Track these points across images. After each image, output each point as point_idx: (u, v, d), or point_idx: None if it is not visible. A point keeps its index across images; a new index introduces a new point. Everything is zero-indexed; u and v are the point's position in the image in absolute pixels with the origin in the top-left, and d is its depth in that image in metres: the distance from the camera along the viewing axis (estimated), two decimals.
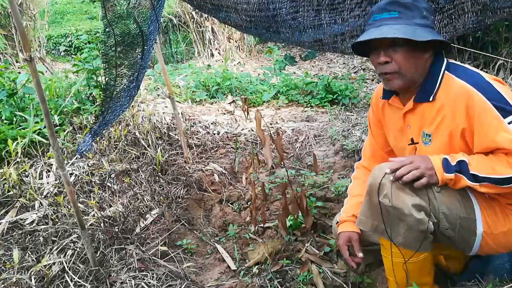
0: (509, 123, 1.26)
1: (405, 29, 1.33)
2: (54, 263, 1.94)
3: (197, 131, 3.83)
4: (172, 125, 3.69)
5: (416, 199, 1.31)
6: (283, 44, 7.32)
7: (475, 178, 1.29)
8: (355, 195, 1.73)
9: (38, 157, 2.82)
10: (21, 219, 2.29)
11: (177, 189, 2.72)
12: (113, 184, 2.61)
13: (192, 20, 8.25)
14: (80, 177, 2.64)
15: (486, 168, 1.28)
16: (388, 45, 1.38)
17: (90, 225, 2.20)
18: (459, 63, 1.47)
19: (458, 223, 1.37)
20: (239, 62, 7.95)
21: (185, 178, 2.85)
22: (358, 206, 1.55)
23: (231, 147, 3.58)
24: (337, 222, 1.72)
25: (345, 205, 1.74)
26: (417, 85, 1.45)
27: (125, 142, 3.13)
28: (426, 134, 1.45)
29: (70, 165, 2.75)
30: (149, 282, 1.83)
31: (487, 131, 1.29)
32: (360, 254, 1.58)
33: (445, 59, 1.44)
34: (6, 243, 2.14)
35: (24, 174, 2.62)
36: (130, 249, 2.05)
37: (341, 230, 1.65)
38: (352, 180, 1.82)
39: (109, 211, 2.35)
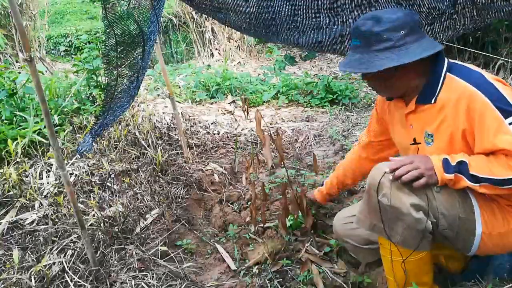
0: (510, 124, 1.26)
1: (360, 60, 1.38)
2: (54, 263, 1.94)
3: (197, 131, 3.83)
4: (172, 125, 3.69)
5: (415, 198, 1.32)
6: (282, 44, 7.32)
7: (474, 178, 1.29)
8: (337, 171, 2.08)
9: (38, 157, 2.82)
10: (21, 219, 2.29)
11: (177, 189, 2.72)
12: (113, 184, 2.61)
13: (192, 20, 8.24)
14: (80, 177, 2.64)
15: (485, 169, 1.28)
16: None
17: (90, 225, 2.20)
18: (460, 63, 1.46)
19: (457, 223, 1.37)
20: (239, 62, 7.94)
21: (185, 178, 2.85)
22: (330, 183, 2.10)
23: (231, 147, 3.58)
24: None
25: (328, 178, 2.14)
26: (416, 88, 1.46)
27: (125, 142, 3.13)
28: (428, 134, 1.45)
29: (70, 165, 2.75)
30: (149, 282, 1.84)
31: (487, 132, 1.29)
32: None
33: (446, 60, 1.44)
34: (6, 243, 2.14)
35: (24, 174, 2.62)
36: (130, 249, 2.06)
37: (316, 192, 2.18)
38: (345, 157, 2.10)
39: (109, 211, 2.35)
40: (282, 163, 1.97)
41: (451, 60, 1.46)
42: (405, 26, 1.36)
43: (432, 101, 1.41)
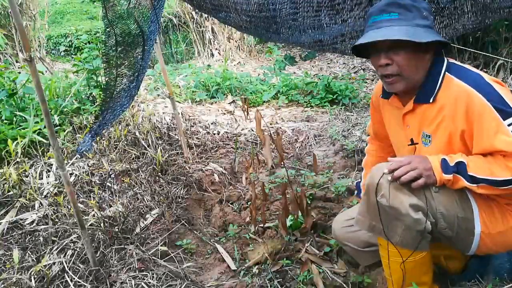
0: (508, 125, 1.26)
1: (406, 30, 1.32)
2: (54, 263, 1.94)
3: (197, 131, 3.83)
4: (172, 125, 3.69)
5: (414, 199, 1.32)
6: (283, 44, 7.33)
7: (473, 179, 1.29)
8: (369, 168, 1.85)
9: (38, 157, 2.82)
10: (21, 219, 2.29)
11: (177, 189, 2.72)
12: (113, 184, 2.61)
13: (192, 20, 8.25)
14: (80, 177, 2.64)
15: (484, 170, 1.28)
16: (389, 47, 1.37)
17: (90, 225, 2.20)
18: (459, 63, 1.46)
19: (456, 223, 1.37)
20: (239, 62, 7.95)
21: (185, 178, 2.85)
22: None
23: (231, 147, 3.58)
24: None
25: (362, 179, 1.94)
26: (417, 86, 1.45)
27: (125, 142, 3.13)
28: (426, 135, 1.45)
29: (70, 165, 2.75)
30: (149, 282, 1.84)
31: (486, 133, 1.29)
32: None
33: (446, 60, 1.44)
34: (6, 243, 2.14)
35: (24, 174, 2.62)
36: (130, 249, 2.06)
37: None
38: (366, 154, 1.96)
39: (109, 211, 2.35)
40: (282, 163, 1.96)
41: (450, 60, 1.45)
42: (432, 12, 1.43)
43: (431, 100, 1.41)
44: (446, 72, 1.41)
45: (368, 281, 1.76)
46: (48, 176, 2.65)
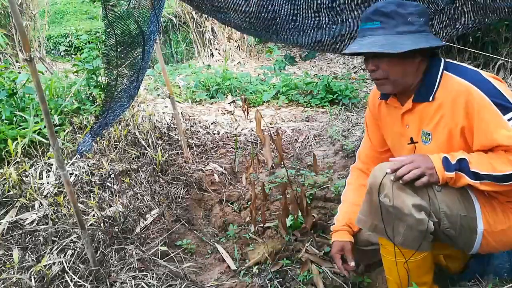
0: (508, 119, 1.27)
1: (384, 41, 1.34)
2: (54, 263, 1.94)
3: (197, 131, 3.83)
4: (172, 125, 3.69)
5: (417, 199, 1.31)
6: (283, 44, 7.33)
7: (475, 176, 1.29)
8: (348, 202, 1.74)
9: (38, 157, 2.82)
10: (21, 219, 2.29)
11: (177, 189, 2.72)
12: (113, 184, 2.61)
13: (192, 20, 8.25)
14: (80, 177, 2.64)
15: (486, 166, 1.28)
16: (373, 54, 1.39)
17: (90, 225, 2.20)
18: (456, 62, 1.47)
19: (459, 222, 1.37)
20: (239, 62, 7.95)
21: (185, 178, 2.85)
22: (351, 214, 1.65)
23: (231, 147, 3.58)
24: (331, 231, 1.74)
25: (339, 213, 1.75)
26: (414, 86, 1.45)
27: (125, 142, 3.13)
28: (426, 133, 1.45)
29: (70, 165, 2.75)
30: (149, 282, 1.84)
31: (486, 128, 1.29)
32: (353, 263, 1.61)
33: (443, 59, 1.45)
34: (6, 243, 2.14)
35: (24, 174, 2.62)
36: (130, 249, 2.05)
37: (334, 239, 1.68)
38: (346, 185, 1.82)
39: (109, 211, 2.35)
40: (282, 163, 1.96)
41: (447, 60, 1.46)
42: (424, 15, 1.39)
43: (430, 99, 1.41)
44: (444, 71, 1.41)
45: (368, 281, 1.76)
46: (48, 176, 2.65)
